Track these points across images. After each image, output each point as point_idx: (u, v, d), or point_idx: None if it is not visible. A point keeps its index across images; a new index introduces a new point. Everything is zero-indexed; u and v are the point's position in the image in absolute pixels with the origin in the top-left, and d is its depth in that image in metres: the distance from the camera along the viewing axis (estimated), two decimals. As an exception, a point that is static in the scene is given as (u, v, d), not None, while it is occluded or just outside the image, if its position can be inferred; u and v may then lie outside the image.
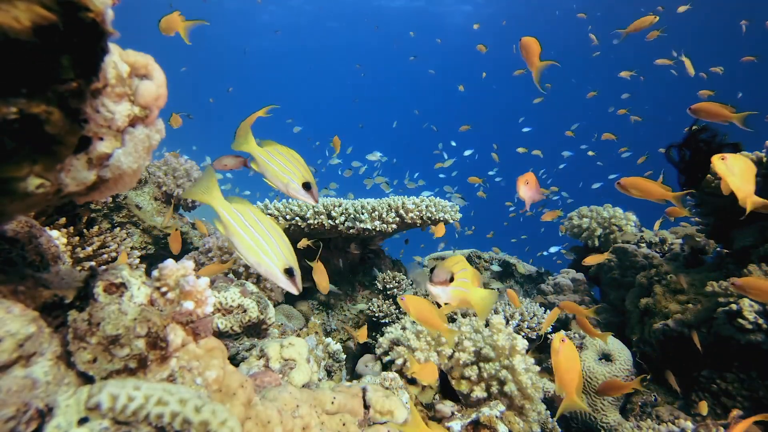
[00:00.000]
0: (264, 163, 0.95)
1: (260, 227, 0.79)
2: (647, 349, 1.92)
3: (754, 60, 4.55)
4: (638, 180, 1.26)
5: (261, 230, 0.79)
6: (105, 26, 0.45)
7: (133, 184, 0.63)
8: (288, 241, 0.80)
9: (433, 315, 1.05)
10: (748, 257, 1.74)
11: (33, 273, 0.65)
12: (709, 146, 2.12)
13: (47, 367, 0.55)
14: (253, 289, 1.59)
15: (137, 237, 2.21)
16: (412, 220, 2.23)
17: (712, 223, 2.02)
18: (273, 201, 2.27)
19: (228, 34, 18.53)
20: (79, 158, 0.53)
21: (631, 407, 1.75)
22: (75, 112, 0.47)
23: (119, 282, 0.64)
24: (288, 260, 0.78)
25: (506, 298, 2.28)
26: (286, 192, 0.96)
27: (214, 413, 0.55)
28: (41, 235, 0.77)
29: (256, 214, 0.80)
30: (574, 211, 2.92)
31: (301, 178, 0.94)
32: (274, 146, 0.96)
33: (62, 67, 0.43)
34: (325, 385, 1.21)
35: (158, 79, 0.59)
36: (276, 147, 0.96)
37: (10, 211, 0.53)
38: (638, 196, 1.26)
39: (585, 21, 7.79)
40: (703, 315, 1.72)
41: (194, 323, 0.69)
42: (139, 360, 0.59)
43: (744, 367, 1.57)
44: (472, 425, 1.19)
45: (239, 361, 1.27)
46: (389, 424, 0.97)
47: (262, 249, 0.78)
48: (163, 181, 2.45)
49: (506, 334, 1.47)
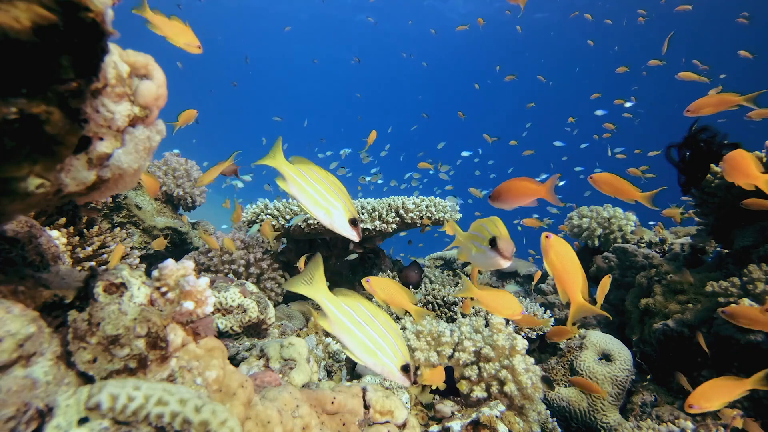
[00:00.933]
0: (298, 186, 0.82)
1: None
2: (647, 349, 1.92)
3: (749, 57, 4.53)
4: (610, 177, 1.19)
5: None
6: (105, 26, 0.45)
7: (133, 185, 0.63)
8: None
9: (401, 295, 1.03)
10: (748, 257, 1.74)
11: (33, 273, 0.65)
12: (709, 146, 2.12)
13: (47, 367, 0.55)
14: (253, 289, 1.59)
15: (137, 237, 2.21)
16: (412, 220, 2.23)
17: (712, 223, 2.02)
18: (273, 201, 2.27)
19: (228, 31, 18.55)
20: (79, 158, 0.53)
21: (631, 407, 1.75)
22: (75, 112, 0.47)
23: (119, 282, 0.64)
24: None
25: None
26: (325, 223, 0.83)
27: (214, 413, 0.55)
28: (41, 235, 0.77)
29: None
30: (574, 211, 2.91)
31: (347, 211, 0.81)
32: (309, 166, 0.83)
33: (62, 67, 0.43)
34: (325, 385, 1.21)
35: (158, 79, 0.59)
36: (312, 168, 0.83)
37: (10, 211, 0.53)
38: (608, 192, 1.21)
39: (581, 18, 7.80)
40: (703, 315, 1.72)
41: (194, 323, 0.69)
42: (139, 360, 0.59)
43: (744, 367, 1.57)
44: (472, 425, 1.19)
45: (239, 361, 1.27)
46: (389, 425, 0.97)
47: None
48: (163, 181, 2.45)
49: (506, 334, 1.47)
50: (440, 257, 3.11)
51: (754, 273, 1.58)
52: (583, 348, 1.84)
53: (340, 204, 0.81)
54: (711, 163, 1.90)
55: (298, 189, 0.82)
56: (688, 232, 2.61)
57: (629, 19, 10.05)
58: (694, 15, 9.93)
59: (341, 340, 0.75)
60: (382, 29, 16.54)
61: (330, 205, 0.81)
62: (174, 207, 2.51)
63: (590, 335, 1.88)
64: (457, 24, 6.83)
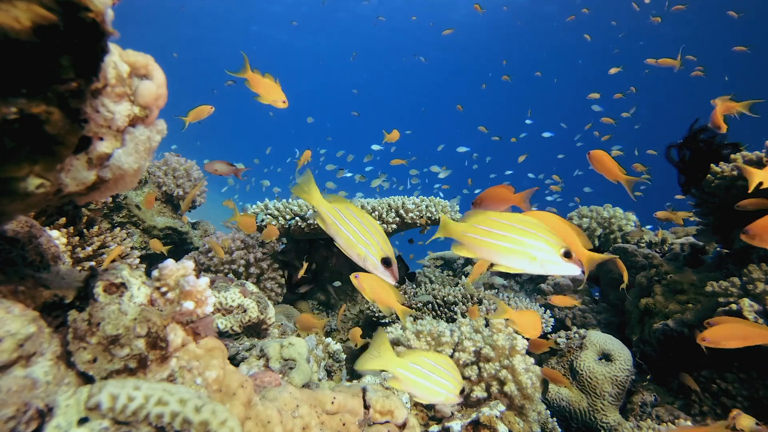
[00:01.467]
0: (334, 226, 0.84)
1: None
2: (647, 349, 1.92)
3: (745, 50, 4.52)
4: (604, 156, 1.29)
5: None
6: (105, 26, 0.45)
7: (134, 185, 0.63)
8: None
9: (388, 294, 1.06)
10: (748, 257, 1.74)
11: (33, 273, 0.65)
12: (709, 146, 2.12)
13: (47, 367, 0.55)
14: (253, 289, 1.59)
15: (137, 237, 2.21)
16: (412, 220, 2.23)
17: (712, 222, 2.02)
18: (273, 201, 2.27)
19: (229, 30, 18.52)
20: (79, 158, 0.53)
21: (631, 407, 1.75)
22: (75, 112, 0.47)
23: (119, 282, 0.64)
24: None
25: (505, 297, 2.28)
26: (360, 263, 0.85)
27: (214, 413, 0.55)
28: (41, 235, 0.77)
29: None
30: (574, 211, 2.92)
31: (380, 251, 0.82)
32: (346, 206, 0.85)
33: (62, 67, 0.43)
34: (325, 385, 1.21)
35: (158, 79, 0.59)
36: (348, 207, 0.85)
37: (10, 211, 0.53)
38: (598, 170, 1.30)
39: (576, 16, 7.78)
40: (703, 315, 1.72)
41: (194, 323, 0.69)
42: (139, 360, 0.59)
43: (744, 367, 1.57)
44: (472, 425, 1.19)
45: (239, 361, 1.27)
46: (389, 425, 0.97)
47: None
48: (163, 181, 2.45)
49: (506, 334, 1.47)
50: (440, 257, 3.11)
51: (754, 273, 1.58)
52: (583, 348, 1.84)
53: (373, 244, 0.82)
54: (711, 163, 1.90)
55: (334, 229, 0.84)
56: (688, 232, 2.61)
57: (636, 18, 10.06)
58: (693, 11, 9.90)
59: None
60: (386, 26, 16.52)
61: (364, 246, 0.83)
62: (174, 207, 2.51)
63: (590, 335, 1.88)
64: (461, 18, 6.78)
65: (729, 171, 1.82)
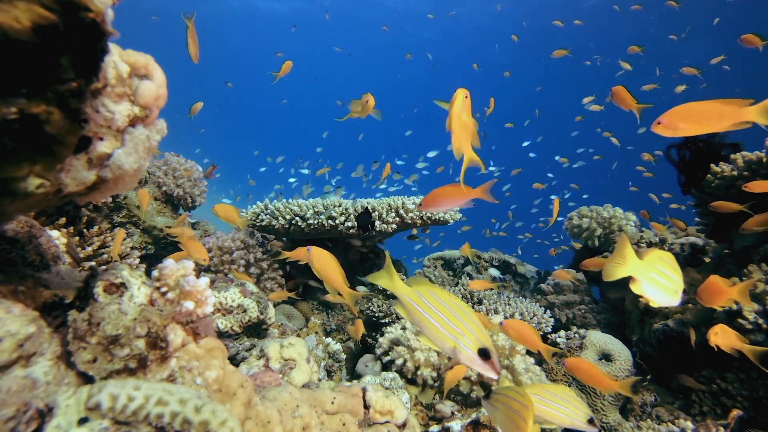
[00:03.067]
0: (417, 314, 0.75)
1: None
2: (647, 349, 1.92)
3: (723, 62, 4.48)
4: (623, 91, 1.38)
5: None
6: (105, 26, 0.45)
7: (134, 185, 0.63)
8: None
9: (335, 273, 1.06)
10: (748, 257, 1.74)
11: (33, 273, 0.65)
12: (709, 146, 2.12)
13: (47, 367, 0.55)
14: (253, 289, 1.59)
15: (137, 237, 2.21)
16: (412, 220, 2.23)
17: (712, 222, 2.02)
18: (273, 201, 2.27)
19: (229, 29, 18.50)
20: (79, 158, 0.53)
21: (631, 407, 1.75)
22: (75, 112, 0.47)
23: (119, 282, 0.64)
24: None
25: (505, 297, 2.28)
26: (452, 356, 0.74)
27: (214, 413, 0.55)
28: (41, 235, 0.77)
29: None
30: (574, 211, 2.91)
31: (475, 341, 0.71)
32: (430, 289, 0.75)
33: (62, 67, 0.43)
34: (325, 385, 1.21)
35: (158, 79, 0.59)
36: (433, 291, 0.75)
37: (10, 211, 0.53)
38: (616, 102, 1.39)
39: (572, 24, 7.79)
40: (703, 315, 1.72)
41: (194, 323, 0.69)
42: (139, 360, 0.59)
43: (744, 367, 1.57)
44: (472, 425, 1.19)
45: (239, 361, 1.27)
46: (389, 425, 0.97)
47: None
48: (163, 181, 2.45)
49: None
50: (440, 257, 3.11)
51: (754, 273, 1.58)
52: (583, 348, 1.84)
53: (467, 334, 0.72)
54: (711, 163, 1.90)
55: (418, 318, 0.75)
56: (688, 232, 2.61)
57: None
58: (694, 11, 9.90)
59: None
60: (389, 24, 16.52)
61: (456, 336, 0.72)
62: (174, 207, 2.51)
63: (590, 335, 1.88)
64: (466, 19, 6.71)
65: (729, 171, 1.82)
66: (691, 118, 0.93)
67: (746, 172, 1.78)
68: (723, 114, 0.91)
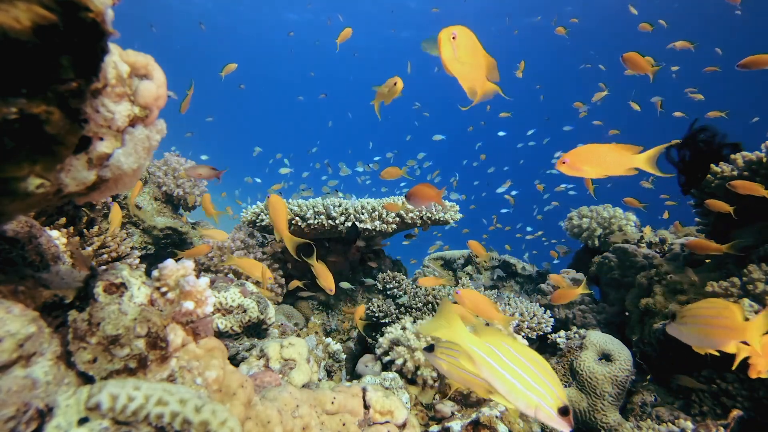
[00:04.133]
0: (490, 368, 0.69)
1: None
2: (647, 349, 1.92)
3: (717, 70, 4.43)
4: (636, 56, 1.45)
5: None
6: (105, 26, 0.45)
7: (133, 185, 0.63)
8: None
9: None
10: (748, 257, 1.74)
11: (33, 273, 0.65)
12: (709, 146, 2.12)
13: (47, 367, 0.55)
14: (253, 289, 1.59)
15: (137, 237, 2.21)
16: (412, 220, 2.23)
17: (712, 222, 2.02)
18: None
19: (231, 29, 18.51)
20: (79, 158, 0.53)
21: (631, 407, 1.75)
22: (75, 112, 0.47)
23: (119, 282, 0.64)
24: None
25: (505, 297, 2.28)
26: (529, 414, 0.69)
27: (214, 413, 0.55)
28: (41, 235, 0.77)
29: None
30: (574, 211, 2.92)
31: (556, 399, 0.67)
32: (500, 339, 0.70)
33: (62, 67, 0.43)
34: (325, 385, 1.21)
35: (158, 79, 0.59)
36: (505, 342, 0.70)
37: (10, 211, 0.53)
38: (629, 66, 1.48)
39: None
40: (703, 315, 1.72)
41: (194, 323, 0.69)
42: (139, 360, 0.59)
43: (743, 367, 1.57)
44: (472, 425, 1.19)
45: (239, 361, 1.27)
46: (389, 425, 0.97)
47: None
48: (163, 181, 2.45)
49: (506, 334, 1.47)
50: (440, 257, 3.11)
51: (754, 273, 1.58)
52: (583, 348, 1.84)
53: (547, 391, 0.68)
54: (711, 163, 1.90)
55: (490, 373, 0.70)
56: (688, 232, 2.61)
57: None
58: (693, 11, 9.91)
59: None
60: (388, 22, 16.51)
61: (533, 392, 0.68)
62: (174, 207, 2.51)
63: (590, 335, 1.88)
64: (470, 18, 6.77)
65: (729, 171, 1.82)
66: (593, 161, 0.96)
67: (746, 172, 1.78)
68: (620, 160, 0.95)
